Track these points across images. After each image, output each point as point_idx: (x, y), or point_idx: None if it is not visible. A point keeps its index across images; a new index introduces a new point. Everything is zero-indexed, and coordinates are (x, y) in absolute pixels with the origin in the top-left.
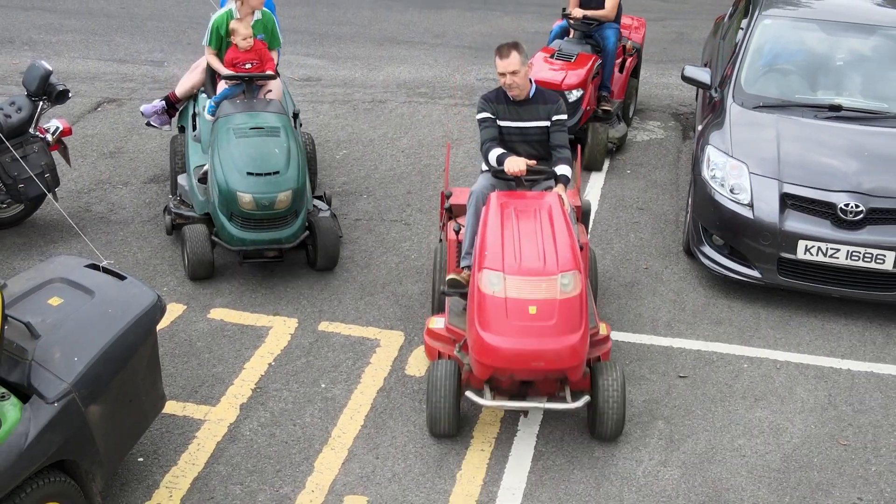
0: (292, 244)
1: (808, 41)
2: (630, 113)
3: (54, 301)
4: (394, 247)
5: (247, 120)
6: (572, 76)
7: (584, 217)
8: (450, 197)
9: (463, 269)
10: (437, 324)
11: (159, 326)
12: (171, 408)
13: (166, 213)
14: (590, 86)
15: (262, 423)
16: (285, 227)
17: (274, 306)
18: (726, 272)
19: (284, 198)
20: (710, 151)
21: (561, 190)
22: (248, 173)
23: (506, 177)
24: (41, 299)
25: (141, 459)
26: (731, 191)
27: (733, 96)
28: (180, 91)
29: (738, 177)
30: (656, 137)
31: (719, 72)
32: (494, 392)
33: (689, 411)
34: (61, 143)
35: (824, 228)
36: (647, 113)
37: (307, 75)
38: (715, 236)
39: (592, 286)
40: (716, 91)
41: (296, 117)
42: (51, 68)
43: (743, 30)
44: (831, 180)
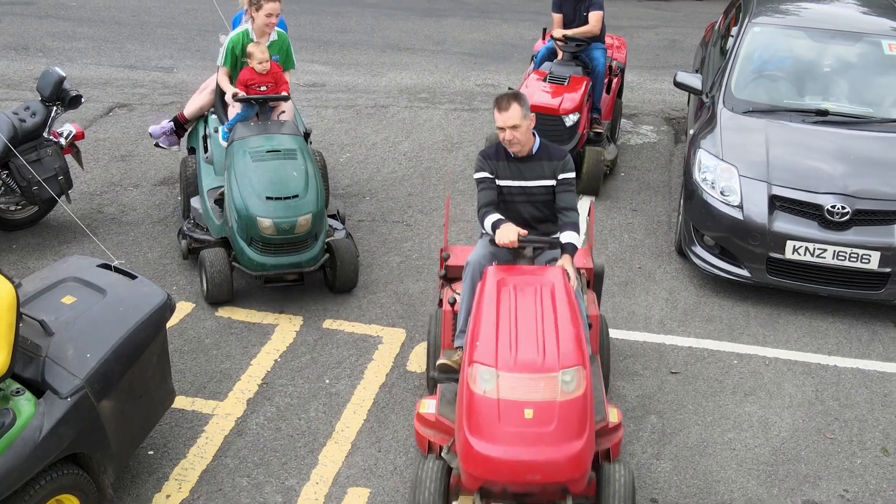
0: (313, 267)
1: (795, 48)
2: (616, 133)
3: (67, 299)
4: (395, 247)
5: (262, 143)
6: (568, 100)
7: (598, 280)
8: (447, 259)
9: (458, 348)
10: (427, 408)
11: (169, 324)
12: (180, 403)
13: (181, 238)
14: (584, 109)
15: (269, 418)
16: (305, 251)
17: (280, 305)
18: (717, 271)
19: (304, 222)
20: (701, 155)
21: (567, 262)
22: (268, 198)
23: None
24: (55, 298)
25: (151, 452)
26: (722, 193)
27: (724, 101)
28: (189, 112)
29: (729, 179)
30: (649, 141)
31: (710, 78)
32: (486, 500)
33: (680, 406)
34: (74, 146)
35: (811, 229)
36: (640, 117)
37: (312, 81)
38: (706, 237)
39: (604, 361)
40: (707, 96)
41: (307, 136)
42: (64, 74)
43: (733, 37)
44: (818, 183)
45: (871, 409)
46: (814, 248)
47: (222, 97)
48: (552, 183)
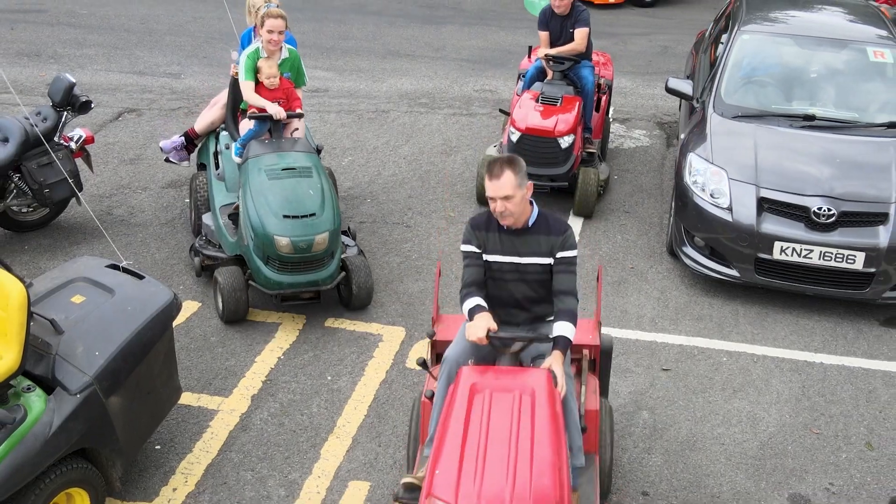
0: (330, 286)
1: (783, 55)
2: (606, 151)
3: (77, 299)
4: (395, 248)
5: (277, 160)
6: (562, 122)
7: (605, 360)
8: (433, 337)
9: (426, 457)
10: None
11: (175, 323)
12: (186, 399)
13: (194, 255)
14: (578, 129)
15: (272, 413)
16: (322, 269)
17: (283, 304)
18: (707, 271)
19: (322, 240)
20: (691, 158)
21: (557, 361)
22: (285, 216)
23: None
24: (65, 297)
25: (158, 447)
26: (712, 195)
27: (714, 107)
28: (200, 127)
29: (718, 182)
30: (642, 145)
31: (701, 83)
32: None
33: (671, 402)
34: (84, 150)
35: (798, 230)
36: (633, 122)
37: (315, 87)
38: (696, 238)
39: (604, 462)
40: (697, 102)
41: (318, 153)
42: (74, 80)
43: (723, 44)
44: (805, 185)
45: (856, 405)
46: (801, 249)
47: (234, 113)
48: (549, 261)
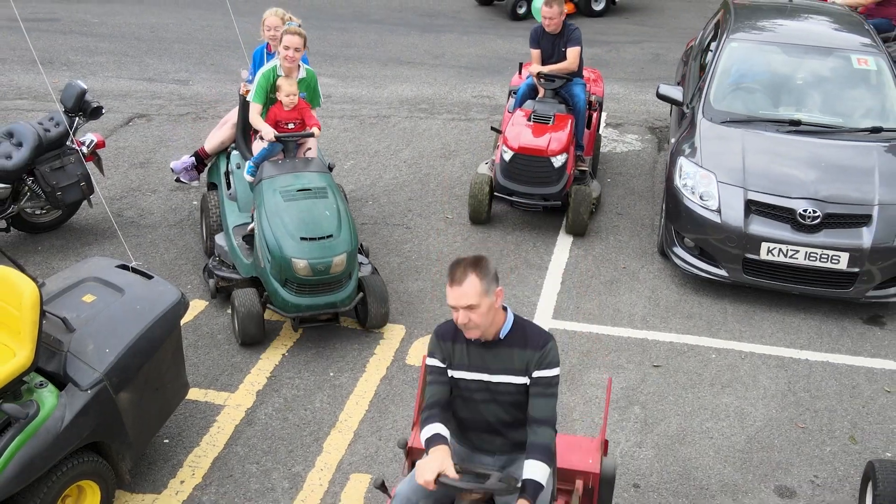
0: (348, 307)
1: (771, 62)
2: (597, 168)
3: (88, 298)
4: (396, 248)
5: (292, 181)
6: (555, 141)
7: (604, 491)
8: (408, 448)
9: None
10: None
11: (183, 321)
12: (193, 394)
13: (208, 276)
14: (570, 148)
15: (277, 408)
16: (340, 290)
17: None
18: (696, 271)
19: (340, 261)
20: (682, 162)
21: None
22: (302, 238)
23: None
24: (76, 296)
25: (167, 441)
26: (701, 198)
27: (703, 112)
28: (210, 146)
29: (708, 185)
30: (634, 149)
31: (691, 90)
32: None
33: (662, 397)
34: (96, 154)
35: (785, 232)
36: (625, 126)
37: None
38: (686, 239)
39: None
40: (688, 107)
41: (330, 170)
42: (86, 87)
43: (712, 52)
44: (791, 188)
45: (840, 400)
46: (787, 250)
47: (244, 132)
48: (524, 381)
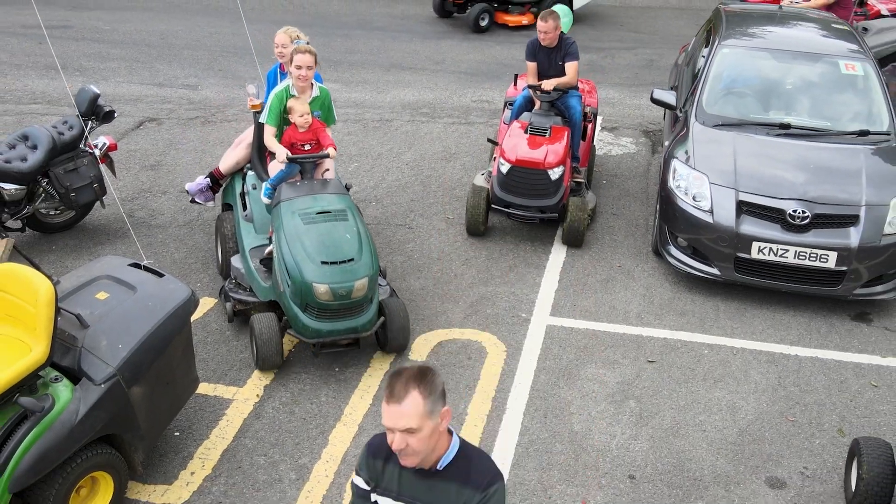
0: (369, 332)
1: (761, 68)
2: (592, 179)
3: (101, 295)
4: (399, 248)
5: (311, 204)
6: (552, 153)
7: None
8: None
9: None
10: None
11: (193, 317)
12: (203, 389)
13: (225, 299)
14: (567, 160)
15: (283, 402)
16: (361, 315)
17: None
18: (689, 270)
19: (361, 286)
20: (675, 164)
21: None
22: (323, 262)
23: None
24: (90, 294)
25: (177, 434)
26: (694, 199)
27: (696, 116)
28: (224, 167)
29: (700, 186)
30: (629, 152)
31: (684, 94)
32: None
33: (656, 392)
34: (108, 157)
35: (775, 231)
36: (620, 130)
37: None
38: (680, 238)
39: None
40: (681, 111)
41: (347, 190)
42: (99, 91)
43: (704, 57)
44: (781, 189)
45: (829, 395)
46: (777, 249)
47: (260, 152)
48: None
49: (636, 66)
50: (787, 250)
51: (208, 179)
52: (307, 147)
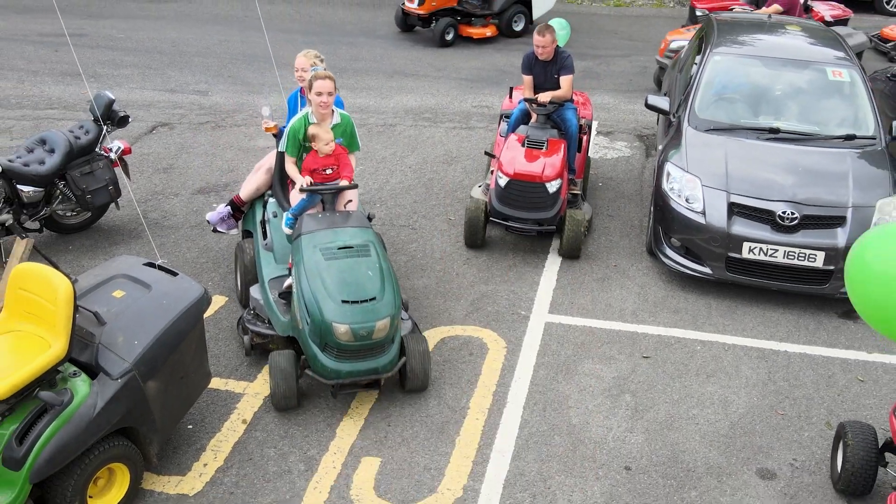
0: (390, 373)
1: (751, 74)
2: (587, 190)
3: (117, 293)
4: (402, 248)
5: (332, 238)
6: (550, 167)
7: None
8: None
9: None
10: None
11: (206, 315)
12: (215, 383)
13: (243, 332)
14: (564, 173)
15: None
16: (382, 355)
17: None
18: (682, 269)
19: (383, 326)
20: (668, 167)
21: None
22: (343, 301)
23: None
24: (106, 292)
25: (190, 426)
26: (687, 200)
27: (689, 121)
28: (245, 194)
29: (693, 189)
30: (623, 155)
31: (677, 100)
32: None
33: (651, 386)
34: (122, 160)
35: (765, 232)
36: (615, 134)
37: None
38: (673, 239)
39: None
40: (674, 116)
41: (370, 220)
42: (114, 97)
43: (697, 64)
44: (771, 192)
45: (817, 389)
46: (767, 249)
47: (281, 180)
48: None
49: (630, 72)
50: (777, 250)
51: (229, 207)
52: (328, 171)
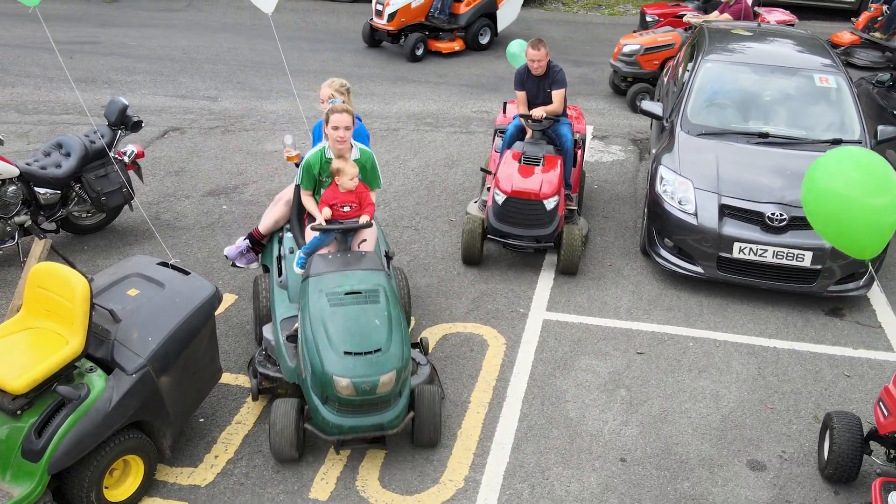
0: (396, 429)
1: (742, 81)
2: (582, 204)
3: (132, 292)
4: (405, 248)
5: (341, 282)
6: (547, 184)
7: None
8: None
9: None
10: None
11: (217, 312)
12: (226, 378)
13: (252, 375)
14: (561, 190)
15: None
16: (388, 410)
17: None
18: (675, 268)
19: (387, 380)
20: (662, 170)
21: None
22: (346, 353)
23: None
24: (121, 290)
25: (202, 420)
26: (679, 202)
27: (681, 125)
28: (264, 227)
29: (685, 191)
30: (618, 159)
31: (669, 105)
32: None
33: (645, 381)
34: (136, 163)
35: (755, 233)
36: (610, 139)
37: None
38: (666, 239)
39: None
40: (667, 121)
41: (389, 259)
42: (127, 103)
43: (689, 71)
44: (760, 194)
45: (805, 384)
46: (756, 249)
47: (299, 214)
48: None
49: None
50: (766, 250)
51: (247, 241)
52: (346, 209)
